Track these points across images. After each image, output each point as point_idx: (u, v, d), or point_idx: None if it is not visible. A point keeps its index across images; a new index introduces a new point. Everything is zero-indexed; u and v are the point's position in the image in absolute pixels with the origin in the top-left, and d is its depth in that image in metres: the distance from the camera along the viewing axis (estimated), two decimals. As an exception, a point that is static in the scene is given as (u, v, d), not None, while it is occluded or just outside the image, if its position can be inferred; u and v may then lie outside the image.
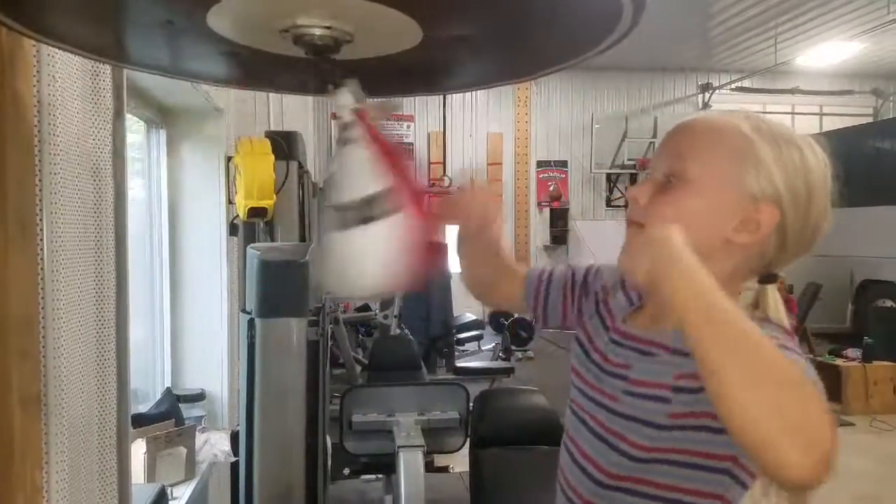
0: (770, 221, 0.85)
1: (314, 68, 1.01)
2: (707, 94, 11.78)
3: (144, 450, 2.27)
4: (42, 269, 1.30)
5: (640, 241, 0.79)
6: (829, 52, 9.60)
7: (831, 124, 11.05)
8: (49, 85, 1.34)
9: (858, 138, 9.11)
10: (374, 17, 0.96)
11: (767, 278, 0.90)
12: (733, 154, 0.85)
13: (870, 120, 11.44)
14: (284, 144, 2.48)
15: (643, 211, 0.89)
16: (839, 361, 6.39)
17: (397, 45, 1.09)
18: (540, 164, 11.62)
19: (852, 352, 6.61)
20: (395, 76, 1.29)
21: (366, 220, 0.92)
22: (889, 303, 8.13)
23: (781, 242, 0.87)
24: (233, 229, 2.84)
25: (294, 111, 5.18)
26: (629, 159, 11.22)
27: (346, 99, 0.98)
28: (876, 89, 11.94)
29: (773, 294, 0.89)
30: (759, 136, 0.86)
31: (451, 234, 1.19)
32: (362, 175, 0.94)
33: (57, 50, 1.32)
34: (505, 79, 1.44)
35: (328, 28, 0.99)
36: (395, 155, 0.97)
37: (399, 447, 2.64)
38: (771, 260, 0.89)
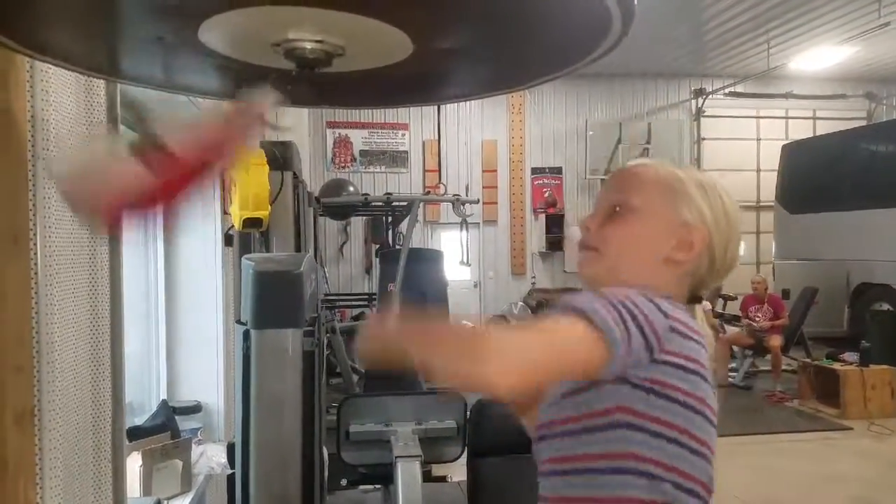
0: (701, 240, 1.00)
1: (301, 81, 1.01)
2: (700, 100, 11.83)
3: (140, 463, 2.25)
4: (36, 282, 1.30)
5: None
6: (821, 56, 9.65)
7: (825, 128, 11.10)
8: (42, 100, 1.34)
9: (852, 142, 9.14)
10: (365, 30, 0.96)
11: (694, 299, 1.04)
12: (669, 189, 1.02)
13: (863, 123, 11.49)
14: (279, 155, 2.48)
15: (595, 236, 1.03)
16: (836, 365, 6.39)
17: (389, 58, 1.10)
18: (535, 170, 11.63)
19: (849, 355, 6.61)
20: (386, 88, 1.30)
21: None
22: (886, 306, 8.14)
23: (710, 262, 1.01)
24: (228, 240, 2.84)
25: (289, 122, 5.19)
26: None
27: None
28: (869, 93, 12.00)
29: (700, 313, 1.04)
30: (689, 179, 1.03)
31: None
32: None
33: (50, 65, 1.32)
34: (496, 89, 1.44)
35: (319, 42, 0.99)
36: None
37: (396, 457, 2.63)
38: (702, 279, 1.03)
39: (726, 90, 11.55)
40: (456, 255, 7.78)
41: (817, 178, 9.15)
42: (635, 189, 1.02)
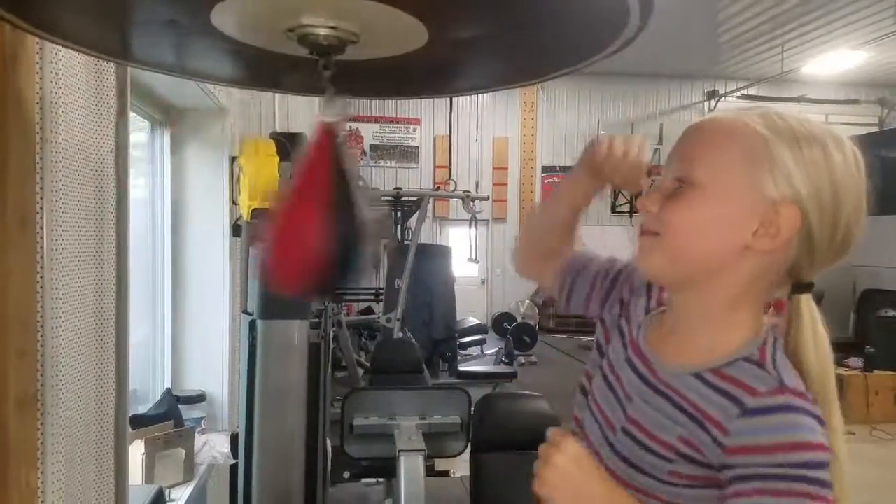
0: (791, 225, 0.77)
1: (314, 70, 1.00)
2: (713, 102, 11.77)
3: (143, 451, 2.25)
4: (41, 267, 1.29)
5: (549, 470, 0.79)
6: (835, 60, 9.58)
7: (837, 133, 11.02)
8: (52, 82, 1.33)
9: (864, 147, 9.02)
10: (380, 17, 0.94)
11: (801, 287, 0.82)
12: (746, 154, 0.79)
13: (875, 129, 11.40)
14: (289, 146, 2.47)
15: (656, 219, 0.83)
16: (840, 370, 6.37)
17: (403, 47, 1.08)
18: (545, 168, 11.61)
19: (854, 361, 6.59)
20: (400, 77, 1.28)
21: None
22: (891, 312, 8.09)
23: (808, 248, 0.80)
24: (236, 230, 2.84)
25: (300, 112, 5.18)
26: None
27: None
28: (882, 98, 11.92)
29: (808, 307, 0.82)
30: (775, 133, 0.79)
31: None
32: None
33: (60, 47, 1.31)
34: (511, 81, 1.42)
35: (333, 28, 0.98)
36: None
37: (400, 451, 2.62)
38: (799, 267, 0.81)
39: (739, 93, 11.49)
40: (464, 251, 7.77)
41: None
42: (701, 158, 0.81)
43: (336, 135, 0.99)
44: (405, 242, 6.91)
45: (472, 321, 8.86)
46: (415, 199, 6.41)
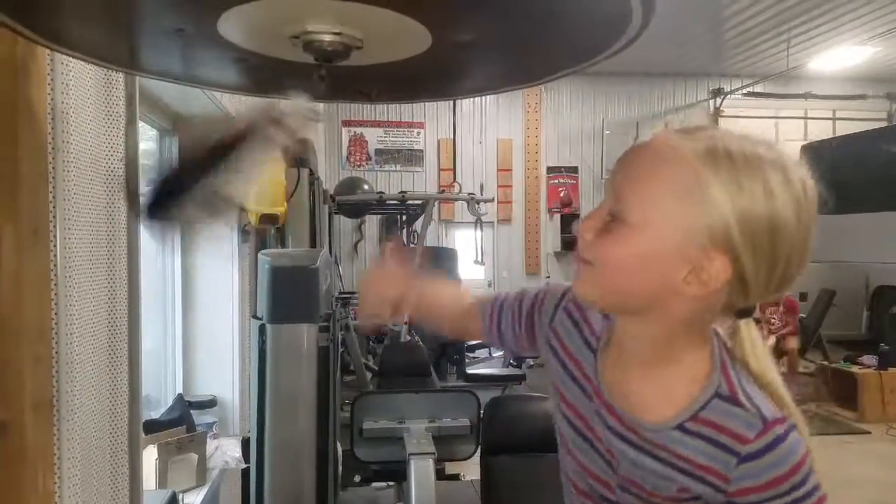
0: (721, 275, 0.73)
1: (315, 75, 1.02)
2: (719, 100, 11.74)
3: (156, 456, 2.27)
4: (55, 275, 1.31)
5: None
6: (841, 56, 9.54)
7: (844, 129, 10.96)
8: (62, 93, 1.36)
9: (872, 143, 9.03)
10: (384, 22, 0.96)
11: (742, 313, 0.81)
12: (676, 192, 0.73)
13: (884, 124, 11.35)
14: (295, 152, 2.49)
15: (591, 247, 0.78)
16: (854, 368, 6.32)
17: (407, 51, 1.09)
18: (550, 169, 11.59)
19: (868, 359, 6.54)
20: (404, 81, 1.29)
21: None
22: (905, 309, 8.05)
23: (741, 290, 0.75)
24: (244, 236, 2.86)
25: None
26: (640, 165, 11.17)
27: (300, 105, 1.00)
28: (890, 93, 11.85)
29: (748, 332, 0.81)
30: (712, 165, 0.72)
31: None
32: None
33: (70, 58, 1.33)
34: (514, 83, 1.43)
35: (337, 34, 0.99)
36: None
37: (410, 454, 2.63)
38: (733, 304, 0.78)
39: (745, 90, 11.45)
40: (470, 253, 7.78)
41: (837, 180, 8.92)
42: (630, 192, 0.75)
43: (264, 120, 0.99)
44: (411, 245, 6.93)
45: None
46: (420, 202, 6.42)
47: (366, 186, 7.55)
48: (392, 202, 6.53)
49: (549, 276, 11.44)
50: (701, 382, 0.80)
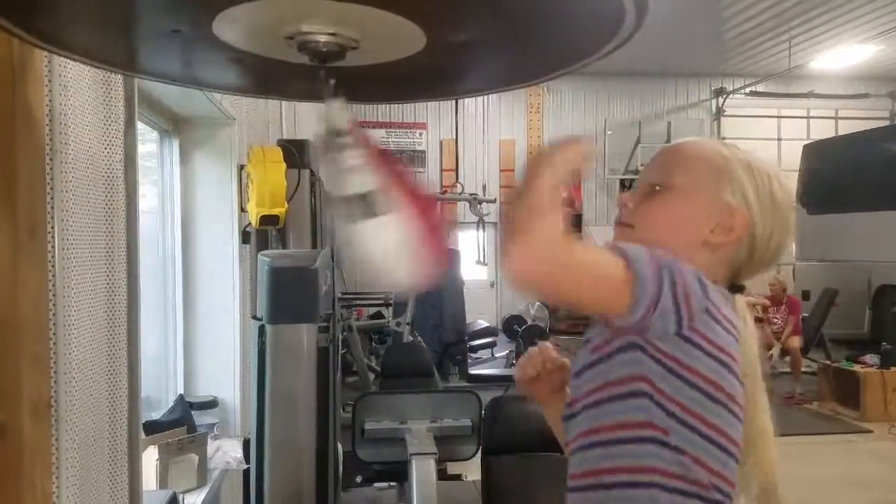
0: (742, 226, 0.96)
1: (317, 76, 1.02)
2: (721, 99, 11.73)
3: (156, 457, 2.27)
4: (53, 275, 1.31)
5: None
6: (844, 55, 9.53)
7: (847, 128, 10.95)
8: (60, 95, 1.36)
9: (874, 142, 9.01)
10: (378, 23, 0.96)
11: (735, 288, 1.00)
12: (712, 169, 0.98)
13: (886, 123, 11.32)
14: (296, 153, 2.49)
15: (632, 214, 1.01)
16: (857, 367, 6.31)
17: (402, 51, 1.10)
18: (553, 170, 11.60)
19: (870, 358, 6.52)
20: (400, 81, 1.30)
21: (368, 214, 0.93)
22: (908, 308, 8.03)
23: (750, 250, 0.98)
24: (245, 237, 2.86)
25: (306, 119, 5.21)
26: (643, 165, 11.16)
27: (339, 108, 0.99)
28: (892, 92, 11.84)
29: (742, 304, 0.99)
30: (735, 158, 0.99)
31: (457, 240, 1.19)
32: (363, 174, 0.96)
33: (68, 60, 1.33)
34: (511, 83, 1.44)
35: (332, 35, 0.99)
36: (391, 161, 0.99)
37: (411, 455, 2.63)
38: (740, 266, 0.99)
39: (747, 89, 11.45)
40: (473, 254, 7.78)
41: (839, 179, 9.03)
42: (676, 166, 0.99)
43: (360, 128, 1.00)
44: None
45: (482, 324, 8.86)
46: (423, 202, 6.41)
47: (368, 187, 7.54)
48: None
49: (551, 277, 11.42)
50: None
